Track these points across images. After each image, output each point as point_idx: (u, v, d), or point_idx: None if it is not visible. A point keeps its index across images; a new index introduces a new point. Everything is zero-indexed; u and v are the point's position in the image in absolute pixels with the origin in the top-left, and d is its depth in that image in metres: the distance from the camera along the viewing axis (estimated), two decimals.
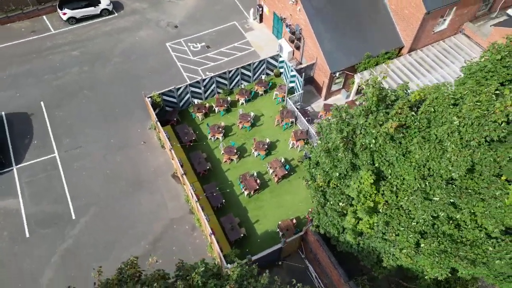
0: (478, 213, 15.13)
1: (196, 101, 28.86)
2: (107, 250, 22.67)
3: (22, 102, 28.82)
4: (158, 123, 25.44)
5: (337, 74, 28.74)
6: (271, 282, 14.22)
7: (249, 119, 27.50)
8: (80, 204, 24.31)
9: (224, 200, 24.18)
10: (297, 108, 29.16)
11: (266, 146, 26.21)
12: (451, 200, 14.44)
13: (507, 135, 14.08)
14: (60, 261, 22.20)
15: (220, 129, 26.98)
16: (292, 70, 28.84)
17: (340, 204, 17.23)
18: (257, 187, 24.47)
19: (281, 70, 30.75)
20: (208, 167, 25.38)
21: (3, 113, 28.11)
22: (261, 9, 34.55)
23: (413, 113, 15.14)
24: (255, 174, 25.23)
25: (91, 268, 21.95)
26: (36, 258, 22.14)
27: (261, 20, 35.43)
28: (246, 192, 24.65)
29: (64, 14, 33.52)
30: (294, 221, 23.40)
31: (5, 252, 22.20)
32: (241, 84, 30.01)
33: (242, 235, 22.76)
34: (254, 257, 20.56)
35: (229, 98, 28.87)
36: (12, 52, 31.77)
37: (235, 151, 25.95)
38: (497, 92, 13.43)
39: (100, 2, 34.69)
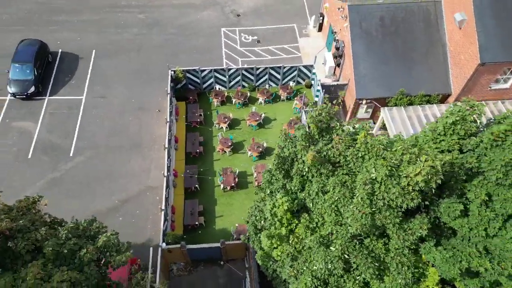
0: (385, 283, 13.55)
1: (218, 87, 29.56)
2: (83, 192, 24.79)
3: (79, 46, 32.41)
4: (168, 96, 26.68)
5: (364, 102, 27.08)
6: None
7: (257, 118, 27.39)
8: (81, 145, 26.82)
9: (197, 185, 24.69)
10: None
11: (260, 149, 25.93)
12: (346, 256, 13.06)
13: (430, 207, 12.33)
14: (43, 186, 24.91)
15: (227, 119, 27.34)
16: (318, 85, 27.89)
17: (262, 222, 16.59)
18: (233, 184, 24.45)
19: (313, 81, 29.87)
20: (198, 150, 26.02)
21: (60, 50, 31.97)
22: (321, 18, 33.71)
23: (348, 152, 13.93)
24: (237, 171, 25.20)
25: (62, 200, 24.32)
26: (26, 177, 25.14)
27: (320, 29, 34.58)
28: (222, 186, 24.80)
29: None
30: None
31: (5, 164, 25.57)
32: (268, 84, 29.85)
33: (197, 223, 23.06)
34: (189, 247, 20.80)
35: (249, 94, 29.02)
36: (90, 3, 35.62)
37: (230, 144, 26.14)
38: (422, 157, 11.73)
39: None
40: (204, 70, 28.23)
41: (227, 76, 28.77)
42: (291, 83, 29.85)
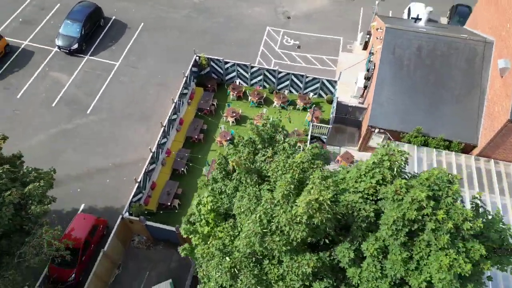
0: None
1: (239, 81, 29.72)
2: (84, 148, 26.60)
3: (131, 16, 34.62)
4: (185, 78, 27.45)
5: (376, 131, 25.50)
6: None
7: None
8: (99, 106, 28.75)
9: (183, 169, 25.20)
10: (323, 141, 27.33)
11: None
12: (235, 271, 12.59)
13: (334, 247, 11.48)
14: (54, 134, 27.18)
15: (235, 114, 27.44)
16: (335, 102, 26.81)
17: (194, 217, 16.55)
18: None
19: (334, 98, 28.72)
20: (196, 137, 26.51)
21: (113, 17, 34.42)
22: (368, 36, 32.16)
23: (271, 167, 13.39)
24: None
25: (64, 151, 26.36)
26: (43, 122, 27.60)
27: (365, 47, 33.02)
28: (206, 176, 25.03)
29: None
30: None
31: (31, 106, 28.31)
32: (288, 90, 29.32)
33: (169, 203, 23.59)
34: (148, 223, 21.38)
35: (264, 95, 28.80)
36: None
37: (229, 138, 26.24)
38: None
39: None
40: (228, 62, 28.55)
41: (249, 73, 28.79)
42: (311, 94, 29.00)
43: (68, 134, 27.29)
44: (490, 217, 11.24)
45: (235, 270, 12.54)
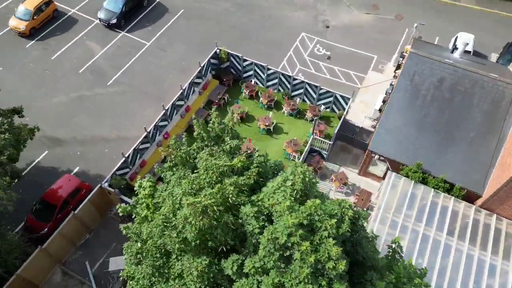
0: None
1: (255, 81, 29.65)
2: (95, 115, 28.12)
3: (174, 2, 35.85)
4: (201, 68, 27.92)
5: (376, 157, 24.25)
6: None
7: (267, 123, 26.86)
8: (120, 80, 30.19)
9: None
10: (323, 156, 26.54)
11: (250, 152, 25.49)
12: (141, 258, 12.71)
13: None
14: (72, 98, 29.01)
15: (240, 112, 27.47)
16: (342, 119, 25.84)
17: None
18: None
19: None
20: None
21: (158, 0, 35.85)
22: (401, 58, 30.45)
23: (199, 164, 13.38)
24: None
25: (77, 115, 28.07)
26: (66, 85, 29.56)
27: (397, 69, 31.33)
28: None
29: None
30: None
31: (60, 69, 30.42)
32: (302, 98, 28.71)
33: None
34: (123, 197, 22.14)
35: (275, 98, 28.49)
36: None
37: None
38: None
39: None
40: (246, 60, 28.58)
41: (265, 74, 28.62)
42: (322, 107, 28.16)
43: (86, 100, 28.99)
44: (403, 266, 10.30)
45: (141, 257, 12.66)
